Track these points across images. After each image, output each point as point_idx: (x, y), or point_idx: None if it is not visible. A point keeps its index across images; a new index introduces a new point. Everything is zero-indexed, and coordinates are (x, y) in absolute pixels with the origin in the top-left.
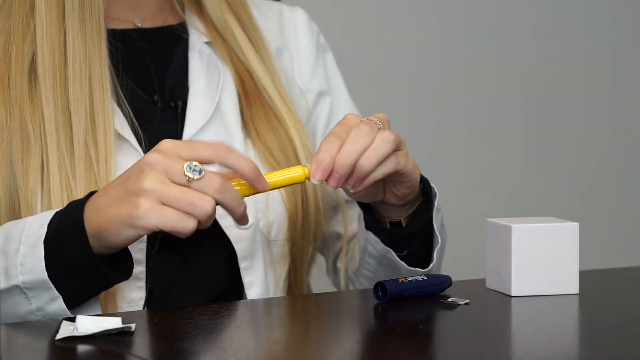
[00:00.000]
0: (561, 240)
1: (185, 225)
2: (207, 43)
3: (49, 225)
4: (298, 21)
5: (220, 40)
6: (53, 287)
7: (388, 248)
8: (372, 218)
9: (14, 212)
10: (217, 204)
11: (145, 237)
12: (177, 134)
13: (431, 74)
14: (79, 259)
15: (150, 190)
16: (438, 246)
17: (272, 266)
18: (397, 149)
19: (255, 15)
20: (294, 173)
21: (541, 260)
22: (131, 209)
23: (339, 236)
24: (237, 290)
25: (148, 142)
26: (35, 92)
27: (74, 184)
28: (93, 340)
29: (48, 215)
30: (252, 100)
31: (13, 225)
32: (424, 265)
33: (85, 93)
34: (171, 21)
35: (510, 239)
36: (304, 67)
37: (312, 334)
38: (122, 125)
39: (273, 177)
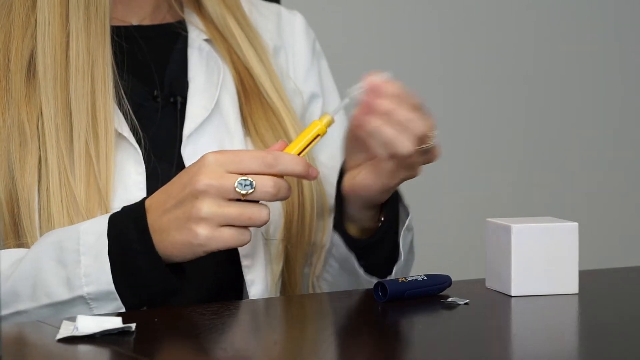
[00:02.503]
0: (561, 240)
1: (244, 240)
2: (206, 40)
3: (109, 236)
4: (296, 24)
5: (219, 38)
6: (119, 298)
7: (350, 253)
8: (341, 222)
9: (13, 212)
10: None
11: None
12: (176, 130)
13: (431, 73)
14: (149, 273)
15: (209, 218)
16: (398, 263)
17: (269, 265)
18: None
19: (253, 15)
20: (314, 130)
21: (541, 260)
22: (191, 237)
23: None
24: (237, 288)
25: (148, 139)
26: (32, 91)
27: (73, 181)
28: (93, 340)
29: (103, 223)
30: (251, 97)
31: (63, 235)
32: (383, 276)
33: (88, 91)
34: (169, 20)
35: (510, 239)
36: (299, 69)
37: (312, 334)
38: (120, 123)
39: (298, 146)
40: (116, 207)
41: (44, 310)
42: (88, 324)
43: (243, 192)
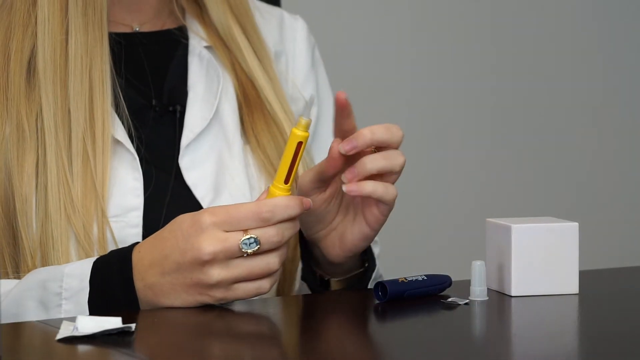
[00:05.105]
0: (561, 240)
1: (264, 288)
2: (207, 48)
3: (91, 282)
4: (298, 29)
5: (221, 45)
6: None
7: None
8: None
9: (9, 210)
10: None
11: (140, 233)
12: (175, 139)
13: (431, 75)
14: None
15: (221, 282)
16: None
17: None
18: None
19: (257, 19)
20: (294, 144)
21: (541, 260)
22: (207, 299)
23: None
24: None
25: (146, 148)
26: (32, 89)
27: (71, 179)
28: (93, 340)
29: (87, 268)
30: (253, 107)
31: (48, 274)
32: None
33: (86, 89)
34: (170, 25)
35: (510, 239)
36: (298, 75)
37: (312, 334)
38: (118, 131)
39: (285, 168)
40: (112, 212)
41: None
42: (88, 324)
43: (250, 250)
